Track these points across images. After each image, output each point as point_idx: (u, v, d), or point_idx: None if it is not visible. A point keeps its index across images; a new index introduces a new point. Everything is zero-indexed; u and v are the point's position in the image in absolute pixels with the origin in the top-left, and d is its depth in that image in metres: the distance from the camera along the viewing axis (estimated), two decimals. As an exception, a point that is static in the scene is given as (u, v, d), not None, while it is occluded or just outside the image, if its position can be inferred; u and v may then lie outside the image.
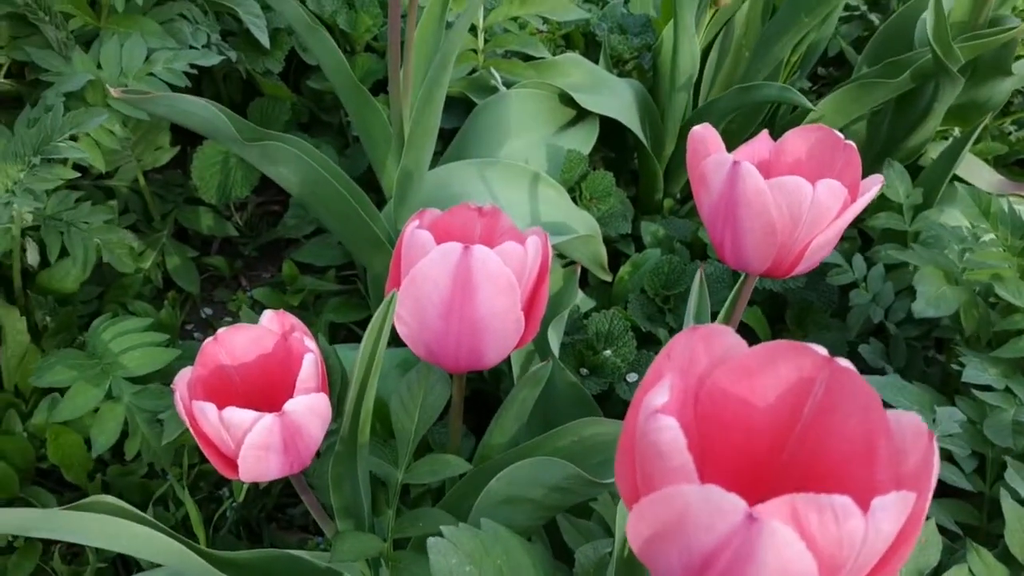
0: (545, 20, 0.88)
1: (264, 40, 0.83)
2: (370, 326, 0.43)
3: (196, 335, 0.87)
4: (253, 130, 0.60)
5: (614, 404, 0.71)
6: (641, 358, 0.71)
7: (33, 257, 0.74)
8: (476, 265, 0.44)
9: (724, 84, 0.90)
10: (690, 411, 0.30)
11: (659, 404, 0.26)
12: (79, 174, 0.63)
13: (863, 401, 0.29)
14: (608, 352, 0.70)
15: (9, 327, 0.70)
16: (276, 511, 0.76)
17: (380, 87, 0.93)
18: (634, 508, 0.26)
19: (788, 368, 0.30)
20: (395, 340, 0.79)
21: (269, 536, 0.74)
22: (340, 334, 0.85)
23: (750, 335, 0.79)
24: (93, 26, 0.75)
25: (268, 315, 0.44)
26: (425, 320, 0.46)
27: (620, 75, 0.92)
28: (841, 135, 0.46)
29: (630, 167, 0.97)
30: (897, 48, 0.93)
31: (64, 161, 0.62)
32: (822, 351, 0.29)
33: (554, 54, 0.91)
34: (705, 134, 0.45)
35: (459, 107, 0.86)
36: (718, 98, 0.81)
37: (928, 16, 0.73)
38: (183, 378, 0.41)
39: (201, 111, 0.56)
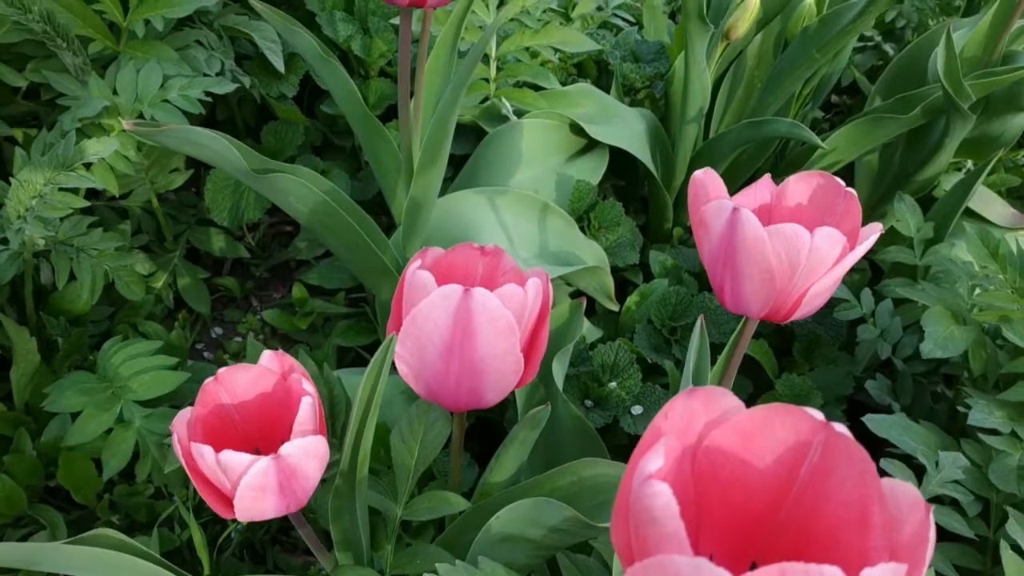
0: (557, 50, 0.88)
1: (279, 65, 0.84)
2: (370, 366, 0.43)
3: (206, 355, 0.88)
4: (263, 162, 0.61)
5: (617, 436, 0.71)
6: (646, 391, 0.71)
7: (46, 277, 0.75)
8: (476, 307, 0.44)
9: (736, 115, 0.90)
10: (687, 470, 0.30)
11: (653, 469, 0.26)
12: (89, 203, 0.64)
13: (858, 467, 0.29)
14: (613, 384, 0.70)
15: (20, 347, 0.71)
16: (280, 533, 0.76)
17: (393, 112, 0.93)
18: (627, 572, 0.26)
19: (785, 431, 0.30)
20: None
21: (273, 558, 0.74)
22: (348, 357, 0.86)
23: (756, 369, 0.79)
24: (112, 50, 0.76)
25: (268, 355, 0.45)
26: (425, 360, 0.46)
27: (632, 104, 0.93)
28: (842, 182, 0.46)
29: (640, 194, 0.97)
30: (911, 80, 0.93)
31: (76, 189, 0.63)
32: (818, 415, 0.29)
33: (565, 82, 0.91)
34: (706, 179, 0.45)
35: (470, 134, 0.87)
36: (728, 131, 0.81)
37: (939, 53, 0.73)
38: (182, 419, 0.42)
39: (212, 143, 0.57)
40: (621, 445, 0.72)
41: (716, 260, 0.44)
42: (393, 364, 0.46)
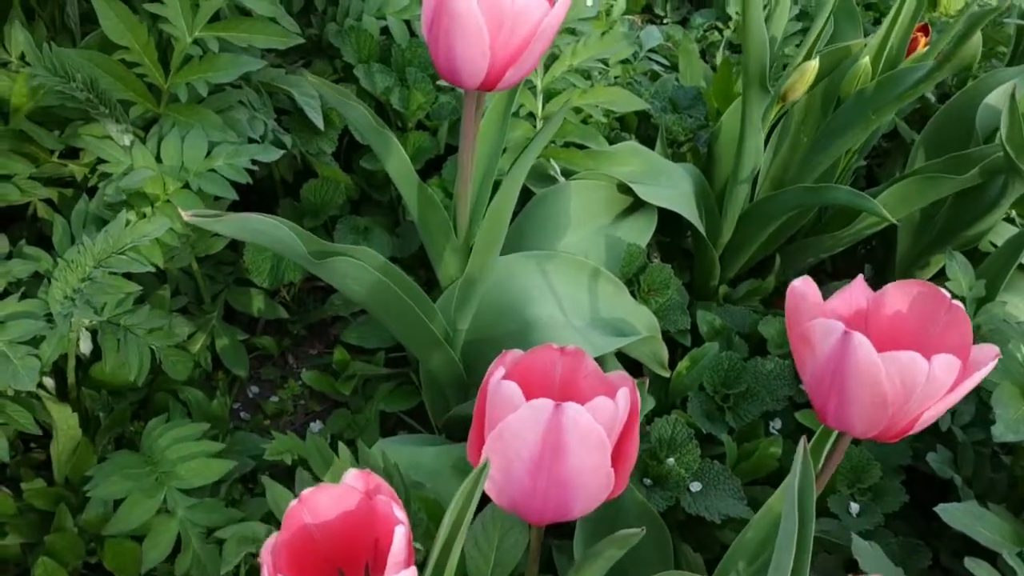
0: (604, 109, 0.86)
1: (319, 123, 0.82)
2: (458, 495, 0.41)
3: (243, 415, 0.86)
4: (321, 246, 0.59)
5: (676, 511, 0.69)
6: (704, 467, 0.69)
7: (86, 346, 0.73)
8: (567, 423, 0.42)
9: (781, 168, 0.89)
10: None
11: None
12: (140, 287, 0.62)
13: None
14: (671, 460, 0.68)
15: (61, 423, 0.69)
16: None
17: (432, 165, 0.92)
18: None
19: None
20: (453, 436, 0.77)
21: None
22: (389, 421, 0.84)
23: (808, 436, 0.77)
24: (153, 112, 0.74)
25: (353, 474, 0.43)
26: (512, 475, 0.44)
27: (675, 156, 0.91)
28: (947, 293, 0.44)
29: (682, 246, 0.95)
30: (957, 130, 0.91)
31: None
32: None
33: (609, 137, 0.90)
34: (805, 289, 0.44)
35: (514, 192, 0.85)
36: (781, 193, 0.79)
37: (1003, 117, 0.72)
38: (268, 547, 0.40)
39: (271, 230, 0.55)
40: (680, 521, 0.70)
41: (821, 379, 0.42)
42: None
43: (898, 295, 0.45)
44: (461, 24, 0.49)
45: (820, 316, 0.42)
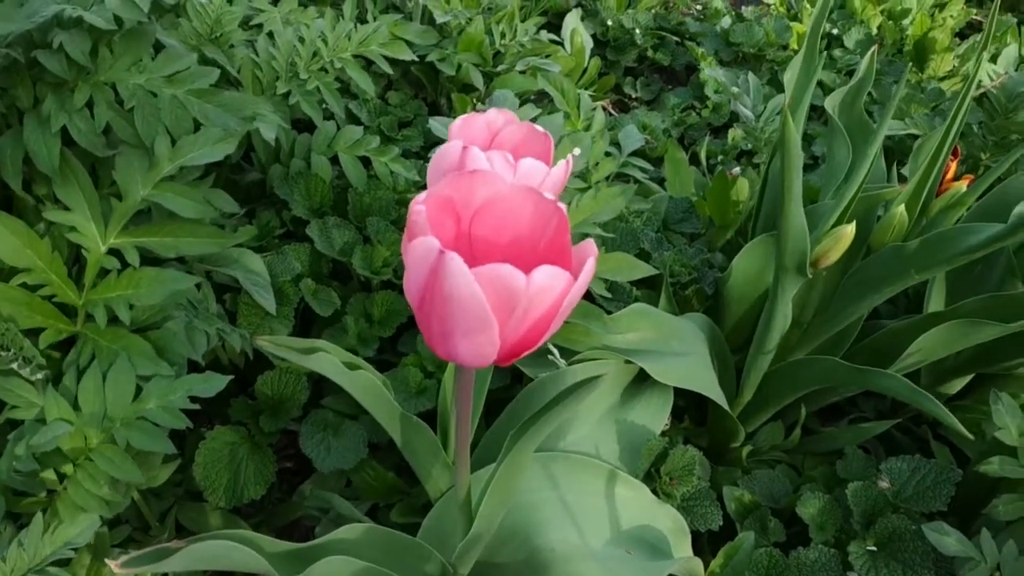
0: (607, 281, 0.76)
1: (270, 307, 0.71)
2: None
3: (206, 643, 0.73)
4: (289, 547, 0.48)
5: None
6: None
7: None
8: None
9: (796, 305, 0.79)
10: None
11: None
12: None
13: None
14: None
15: None
16: None
17: (404, 329, 0.80)
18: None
19: None
20: None
21: None
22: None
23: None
24: (68, 332, 0.62)
25: None
26: None
27: (679, 301, 0.81)
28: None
29: (694, 396, 0.85)
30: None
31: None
32: None
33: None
34: None
35: (503, 369, 0.74)
36: (814, 361, 0.69)
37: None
38: None
39: (230, 553, 0.44)
40: None
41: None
42: None
43: None
44: (462, 313, 0.37)
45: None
